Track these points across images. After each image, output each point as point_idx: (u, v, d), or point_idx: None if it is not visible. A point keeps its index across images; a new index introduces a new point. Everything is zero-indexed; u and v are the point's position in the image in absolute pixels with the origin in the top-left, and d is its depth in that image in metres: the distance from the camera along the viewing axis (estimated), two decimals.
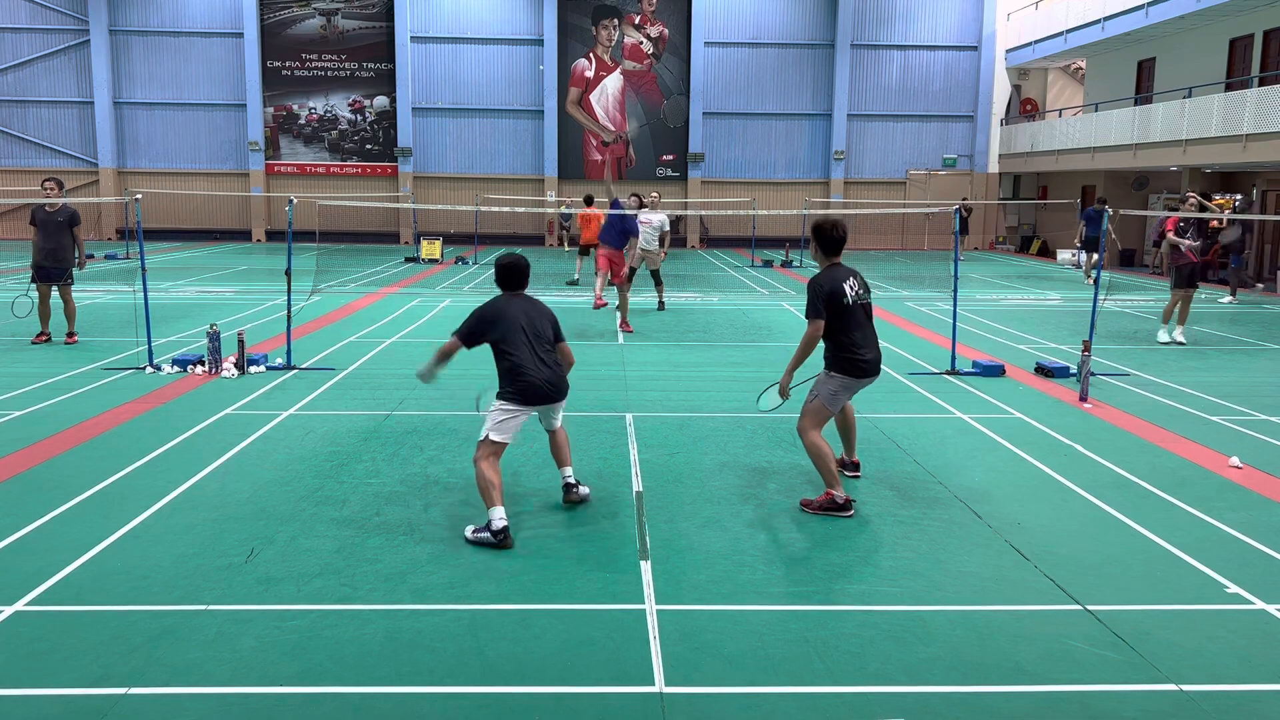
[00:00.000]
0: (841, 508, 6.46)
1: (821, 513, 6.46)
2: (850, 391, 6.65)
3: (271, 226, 34.72)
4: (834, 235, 6.57)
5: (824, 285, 6.44)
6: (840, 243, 6.59)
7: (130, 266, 22.38)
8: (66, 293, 12.65)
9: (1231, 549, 5.92)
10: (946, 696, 4.20)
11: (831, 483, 6.50)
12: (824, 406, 6.57)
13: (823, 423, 6.62)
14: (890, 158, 35.42)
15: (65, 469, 7.16)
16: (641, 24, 34.74)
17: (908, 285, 21.52)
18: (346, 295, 18.34)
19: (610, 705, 4.10)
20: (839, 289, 6.44)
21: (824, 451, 6.49)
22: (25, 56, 33.83)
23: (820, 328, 6.43)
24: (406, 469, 7.29)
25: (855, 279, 6.58)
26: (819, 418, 6.58)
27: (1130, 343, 13.93)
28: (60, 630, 4.66)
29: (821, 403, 6.57)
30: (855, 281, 6.56)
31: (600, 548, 5.81)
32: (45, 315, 12.57)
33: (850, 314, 6.46)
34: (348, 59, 34.58)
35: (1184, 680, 4.34)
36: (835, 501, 6.47)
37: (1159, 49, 28.05)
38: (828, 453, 6.50)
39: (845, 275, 6.54)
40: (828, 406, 6.58)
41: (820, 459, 6.51)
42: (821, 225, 6.60)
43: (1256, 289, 21.48)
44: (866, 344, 6.57)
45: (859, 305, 6.52)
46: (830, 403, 6.58)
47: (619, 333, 14.14)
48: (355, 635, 4.66)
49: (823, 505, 6.49)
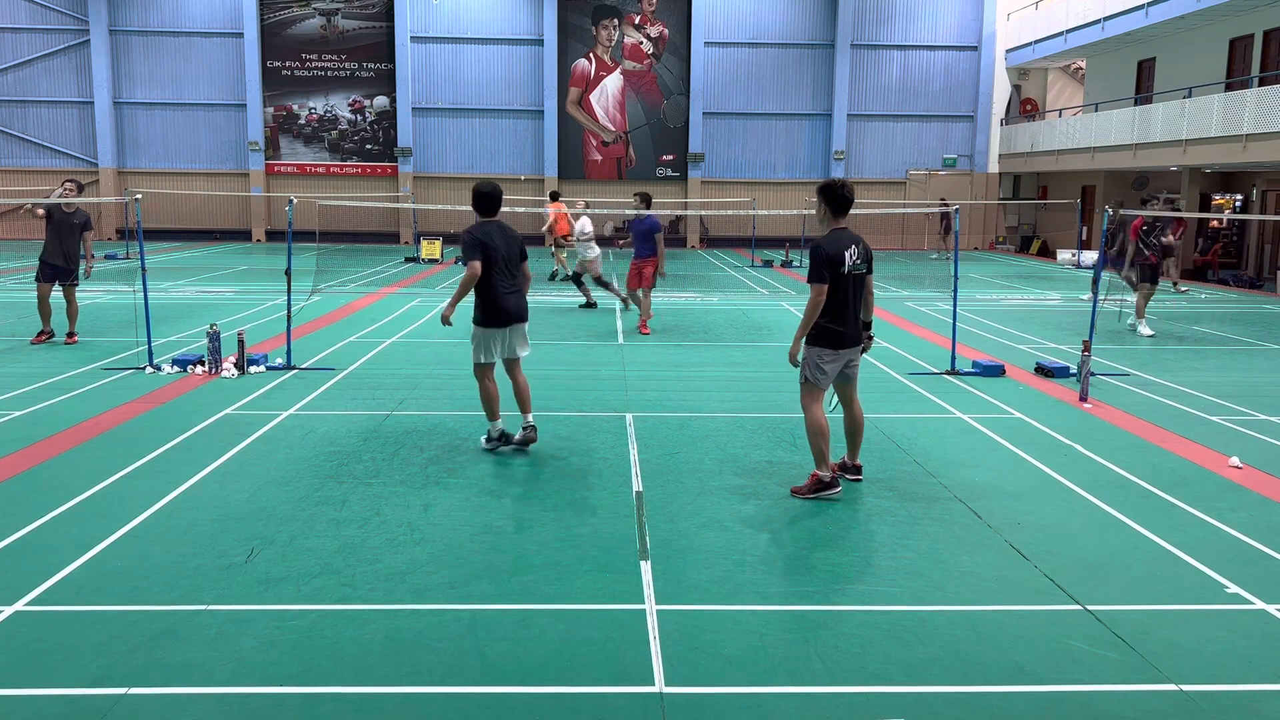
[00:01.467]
0: (829, 485, 6.54)
1: (812, 496, 6.51)
2: (834, 364, 6.61)
3: (271, 226, 34.73)
4: (843, 194, 6.50)
5: (827, 249, 6.40)
6: (849, 202, 6.52)
7: (130, 266, 22.38)
8: (71, 293, 12.69)
9: (1231, 549, 5.92)
10: (946, 696, 4.20)
11: (818, 462, 6.57)
12: (812, 381, 6.61)
13: (818, 396, 6.64)
14: (890, 158, 35.42)
15: (65, 469, 7.16)
16: (641, 24, 34.74)
17: (908, 285, 21.52)
18: (346, 295, 18.34)
19: (610, 705, 4.10)
20: (840, 256, 6.40)
21: (821, 428, 6.55)
22: (25, 56, 33.84)
23: (824, 292, 6.39)
24: (406, 469, 7.29)
25: (858, 246, 6.53)
26: (813, 392, 6.64)
27: (1130, 343, 13.94)
28: (60, 630, 4.66)
29: (808, 375, 6.62)
30: (856, 250, 6.51)
31: (600, 548, 5.80)
32: (46, 314, 12.56)
33: (840, 283, 6.44)
34: (348, 59, 34.58)
35: (1184, 680, 4.34)
36: (822, 481, 6.55)
37: (1159, 49, 28.05)
38: (824, 429, 6.55)
39: (849, 242, 6.47)
40: (814, 380, 6.61)
41: (812, 436, 6.58)
42: (831, 184, 6.54)
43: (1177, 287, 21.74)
44: (846, 316, 6.54)
45: (851, 275, 6.50)
46: (814, 375, 6.59)
47: (619, 333, 14.14)
48: (355, 635, 4.66)
49: (811, 488, 6.56)
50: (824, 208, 6.56)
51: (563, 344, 13.08)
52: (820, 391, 6.65)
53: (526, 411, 7.88)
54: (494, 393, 7.66)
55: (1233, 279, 24.18)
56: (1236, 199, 26.18)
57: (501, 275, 7.46)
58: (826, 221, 6.57)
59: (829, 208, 6.54)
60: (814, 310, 6.45)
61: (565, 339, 13.52)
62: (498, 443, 7.73)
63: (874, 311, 6.95)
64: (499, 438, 7.73)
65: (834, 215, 6.54)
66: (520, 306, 7.64)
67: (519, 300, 7.63)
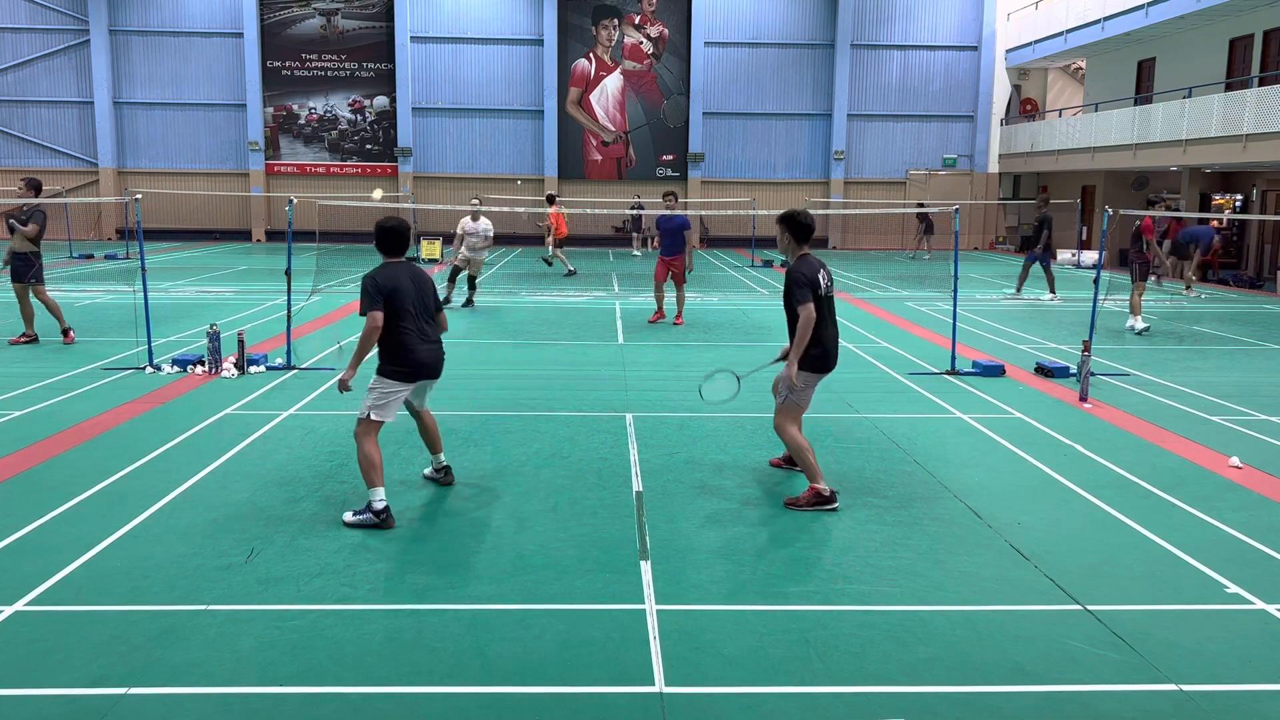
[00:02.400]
0: (827, 500, 6.53)
1: (810, 509, 6.50)
2: (815, 385, 6.71)
3: (271, 226, 34.73)
4: (806, 222, 6.62)
5: (806, 274, 6.47)
6: (811, 230, 6.64)
7: (130, 266, 22.38)
8: (40, 293, 12.33)
9: (1231, 549, 5.92)
10: (946, 696, 4.20)
11: (814, 477, 6.57)
12: (793, 401, 6.66)
13: (798, 417, 6.69)
14: (890, 158, 35.43)
15: (65, 469, 7.16)
16: (641, 24, 34.74)
17: (908, 285, 21.51)
18: (346, 295, 18.32)
19: (610, 705, 4.10)
20: (816, 280, 6.49)
21: (804, 446, 6.60)
22: (25, 56, 33.84)
23: (812, 312, 6.42)
24: (406, 469, 7.29)
25: (825, 270, 6.64)
26: (793, 413, 6.66)
27: (1130, 342, 13.94)
28: (60, 630, 4.66)
29: (793, 399, 6.65)
30: (825, 273, 6.62)
31: (600, 548, 5.80)
32: (28, 316, 12.42)
33: (819, 306, 6.49)
34: (348, 59, 34.58)
35: (1184, 680, 4.34)
36: (821, 495, 6.54)
37: (1159, 49, 28.05)
38: (807, 447, 6.60)
39: (818, 266, 6.59)
40: (799, 402, 6.66)
41: (801, 453, 6.60)
42: (794, 213, 6.66)
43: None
44: (831, 338, 6.62)
45: (828, 298, 6.61)
46: (800, 397, 6.65)
47: (619, 332, 14.15)
48: (355, 635, 4.66)
49: (809, 501, 6.55)
50: (788, 236, 6.64)
51: (563, 344, 13.09)
52: (799, 413, 6.68)
53: (437, 451, 6.90)
54: (377, 459, 6.13)
55: (1233, 279, 24.18)
56: (1236, 199, 26.17)
57: (413, 323, 6.26)
58: (792, 250, 6.65)
59: (792, 236, 6.62)
60: (807, 329, 6.45)
61: (565, 339, 13.52)
62: (383, 515, 6.06)
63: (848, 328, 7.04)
64: (383, 510, 6.07)
65: (798, 243, 6.63)
66: (436, 360, 6.44)
67: (434, 352, 6.41)
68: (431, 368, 6.43)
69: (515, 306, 16.95)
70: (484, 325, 14.79)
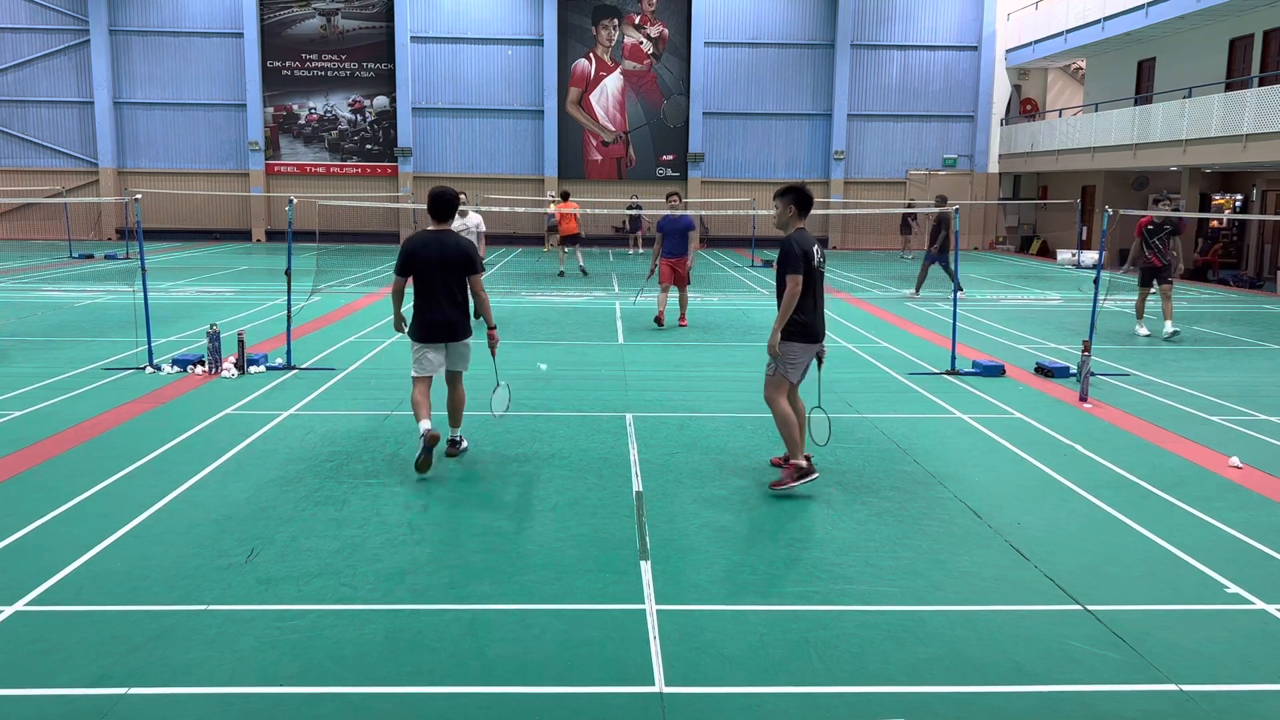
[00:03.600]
0: (806, 473, 6.69)
1: (794, 484, 6.66)
2: (805, 356, 6.84)
3: (271, 226, 34.72)
4: (809, 195, 6.89)
5: (799, 245, 6.69)
6: (811, 202, 6.89)
7: (130, 266, 22.39)
8: None
9: (1231, 549, 5.92)
10: (946, 696, 4.20)
11: (794, 451, 6.72)
12: (782, 374, 6.79)
13: (785, 389, 6.82)
14: (890, 158, 35.43)
15: (65, 469, 7.16)
16: (641, 24, 34.74)
17: (908, 285, 21.51)
18: (346, 295, 18.33)
19: (610, 705, 4.10)
20: (810, 251, 6.71)
21: (790, 419, 6.73)
22: (25, 56, 33.83)
23: (799, 283, 6.63)
24: (407, 469, 7.28)
25: (818, 245, 6.86)
26: (781, 385, 6.81)
27: (1130, 343, 13.93)
28: (60, 630, 4.66)
29: (781, 371, 6.78)
30: (818, 248, 6.85)
31: (600, 548, 5.80)
32: None
33: (809, 277, 6.70)
34: (348, 59, 34.58)
35: (1184, 680, 4.34)
36: (800, 469, 6.68)
37: (1159, 49, 28.05)
38: (794, 420, 6.75)
39: (812, 240, 6.81)
40: (786, 375, 6.79)
41: (786, 425, 6.74)
42: (796, 186, 6.92)
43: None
44: (817, 310, 6.82)
45: (818, 271, 6.82)
46: (787, 369, 6.78)
47: (619, 332, 14.15)
48: (355, 635, 4.66)
49: (791, 478, 6.70)
50: (791, 209, 6.84)
51: (563, 344, 13.09)
52: (786, 385, 6.83)
53: (454, 425, 7.49)
54: (420, 401, 7.08)
55: (1233, 279, 24.18)
56: (1236, 199, 26.18)
57: (429, 289, 6.90)
58: (791, 222, 6.86)
59: (796, 208, 6.84)
60: (792, 300, 6.66)
61: (565, 339, 13.52)
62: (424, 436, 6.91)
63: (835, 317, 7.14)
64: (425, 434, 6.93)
65: (800, 215, 6.85)
66: (450, 322, 7.01)
67: (446, 315, 6.99)
68: (441, 329, 7.03)
69: (515, 306, 16.95)
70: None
